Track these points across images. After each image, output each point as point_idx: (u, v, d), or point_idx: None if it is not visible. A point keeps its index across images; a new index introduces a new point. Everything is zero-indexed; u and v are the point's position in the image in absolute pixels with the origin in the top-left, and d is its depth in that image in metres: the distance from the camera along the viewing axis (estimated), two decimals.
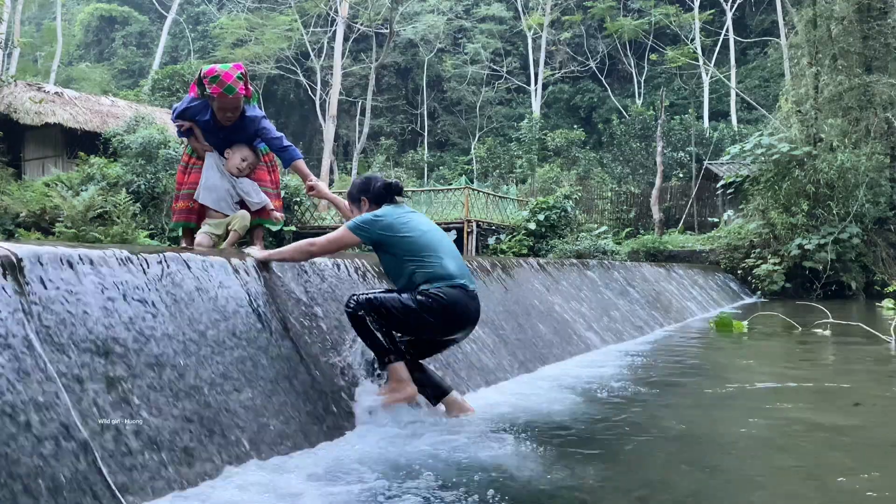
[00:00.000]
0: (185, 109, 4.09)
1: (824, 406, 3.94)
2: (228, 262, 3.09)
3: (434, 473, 2.45)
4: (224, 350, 2.70)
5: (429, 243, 3.25)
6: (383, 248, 3.26)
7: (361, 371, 3.33)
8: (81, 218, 12.55)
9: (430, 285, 3.14)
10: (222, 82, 3.79)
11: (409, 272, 3.19)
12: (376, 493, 2.24)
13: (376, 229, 3.23)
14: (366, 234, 3.24)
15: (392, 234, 3.22)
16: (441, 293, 3.12)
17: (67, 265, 2.30)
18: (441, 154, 36.66)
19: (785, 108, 17.55)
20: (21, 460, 1.79)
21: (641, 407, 3.79)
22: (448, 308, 3.12)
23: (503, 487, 2.33)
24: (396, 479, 2.38)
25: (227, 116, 3.94)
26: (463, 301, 3.18)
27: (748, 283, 16.16)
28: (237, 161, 4.10)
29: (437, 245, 3.28)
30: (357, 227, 3.25)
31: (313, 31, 33.59)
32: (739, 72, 32.10)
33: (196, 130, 4.14)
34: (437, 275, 3.17)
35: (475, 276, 5.43)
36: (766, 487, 2.42)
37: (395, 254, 3.23)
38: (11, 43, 25.62)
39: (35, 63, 36.16)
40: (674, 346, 6.82)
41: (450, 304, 3.13)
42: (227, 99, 3.83)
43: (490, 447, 2.82)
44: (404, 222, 3.27)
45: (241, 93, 3.87)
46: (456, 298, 3.14)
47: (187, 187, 4.25)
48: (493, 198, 19.06)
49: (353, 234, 3.24)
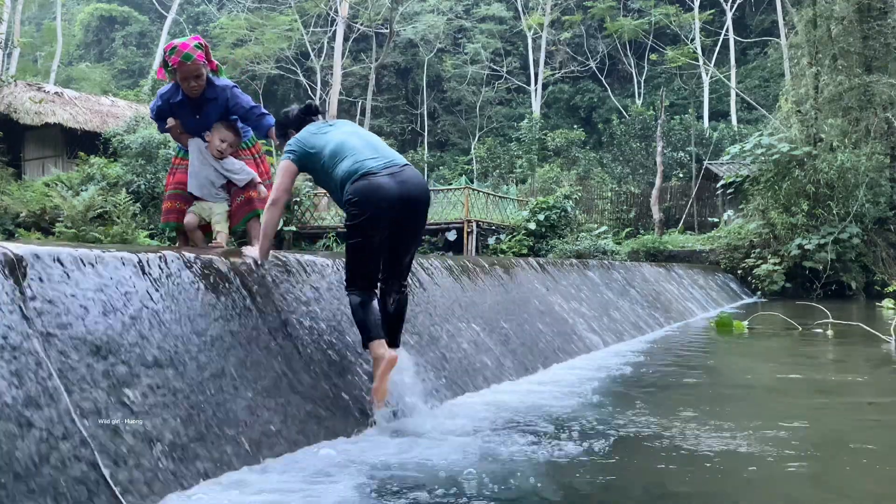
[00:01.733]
0: (159, 101, 4.19)
1: (824, 406, 3.94)
2: (227, 263, 3.09)
3: (433, 473, 2.45)
4: (224, 350, 2.70)
5: (344, 143, 3.19)
6: (314, 165, 3.25)
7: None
8: (81, 218, 12.55)
9: (350, 186, 3.06)
10: (179, 51, 3.92)
11: (336, 180, 3.14)
12: (368, 495, 2.24)
13: (302, 147, 3.26)
14: (295, 155, 3.26)
15: (315, 146, 3.23)
16: (359, 186, 3.03)
17: (68, 265, 2.30)
18: (441, 154, 36.67)
19: (785, 108, 17.55)
20: (21, 460, 1.79)
21: (642, 407, 3.79)
22: (371, 197, 3.01)
23: (503, 487, 2.33)
24: (389, 482, 2.38)
25: (192, 86, 4.02)
26: (386, 183, 3.04)
27: (748, 283, 16.16)
28: (216, 142, 4.17)
29: (356, 143, 3.21)
30: (287, 151, 3.29)
31: (313, 31, 33.59)
32: (739, 72, 32.10)
33: (175, 123, 4.21)
34: (354, 170, 3.08)
35: (475, 277, 5.43)
36: (767, 488, 2.42)
37: (322, 166, 3.21)
38: (11, 43, 25.62)
39: (35, 63, 36.15)
40: (674, 347, 6.82)
41: (372, 191, 3.02)
42: (186, 67, 3.93)
43: (490, 447, 2.82)
44: (325, 132, 3.29)
45: (199, 59, 3.97)
46: (377, 184, 3.03)
47: (172, 187, 4.36)
48: (493, 198, 19.06)
49: (287, 161, 3.26)
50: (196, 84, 4.02)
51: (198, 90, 4.06)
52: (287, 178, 3.27)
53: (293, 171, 3.27)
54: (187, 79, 3.99)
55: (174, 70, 3.98)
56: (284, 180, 3.27)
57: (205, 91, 4.09)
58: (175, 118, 4.23)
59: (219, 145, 4.16)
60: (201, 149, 4.22)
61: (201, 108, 4.16)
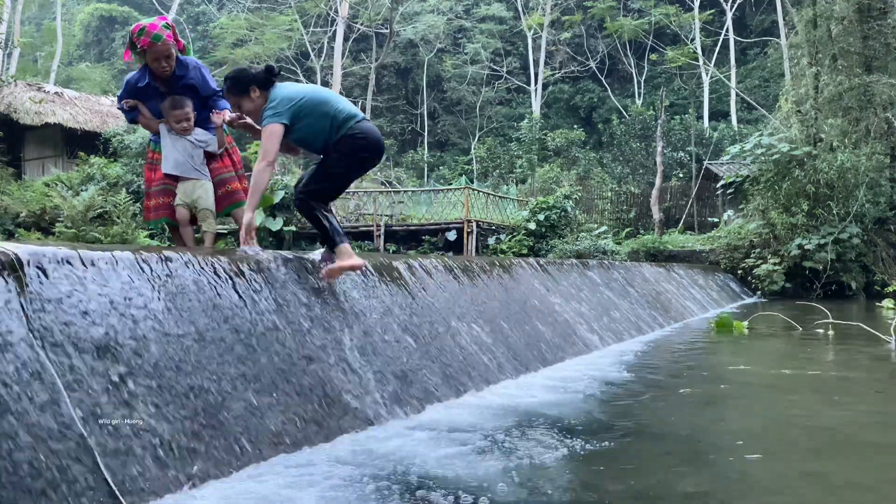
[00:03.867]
0: (123, 89, 4.23)
1: (825, 406, 3.93)
2: (230, 262, 3.09)
3: (432, 473, 2.44)
4: (224, 350, 2.69)
5: (326, 96, 3.60)
6: (299, 119, 3.50)
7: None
8: (81, 218, 12.54)
9: (347, 129, 3.53)
10: (149, 32, 3.98)
11: (326, 127, 3.52)
12: (366, 495, 2.24)
13: (288, 106, 3.48)
14: (281, 116, 3.45)
15: (299, 101, 3.50)
16: (359, 130, 3.55)
17: (68, 265, 2.30)
18: (441, 154, 36.66)
19: (785, 108, 17.55)
20: (21, 460, 1.79)
21: (641, 407, 3.79)
22: (369, 139, 3.58)
23: (502, 487, 2.33)
24: (386, 481, 2.38)
25: (163, 66, 4.08)
26: (373, 130, 3.63)
27: (748, 283, 16.15)
28: (170, 113, 4.18)
29: (331, 95, 3.65)
30: (274, 115, 3.44)
31: (313, 31, 33.58)
32: (739, 72, 32.10)
33: (141, 108, 4.22)
34: (348, 116, 3.56)
35: (475, 277, 5.43)
36: (767, 488, 2.42)
37: (309, 116, 3.50)
38: (11, 43, 25.61)
39: (35, 63, 36.15)
40: (674, 347, 6.82)
41: (369, 135, 3.59)
42: (156, 47, 4.00)
43: (489, 447, 2.82)
44: (299, 89, 3.60)
45: (168, 39, 4.04)
46: (369, 129, 3.61)
47: (158, 183, 4.33)
48: (493, 198, 19.06)
49: (274, 122, 3.44)
50: (167, 64, 4.08)
51: (168, 71, 4.11)
52: (276, 141, 3.46)
53: (281, 132, 3.47)
54: (158, 59, 4.04)
55: (143, 51, 4.02)
56: (274, 144, 3.45)
57: (174, 71, 4.14)
58: (143, 103, 4.25)
59: (176, 115, 4.19)
60: (170, 131, 4.25)
61: (172, 89, 4.21)
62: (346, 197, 20.10)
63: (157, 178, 4.36)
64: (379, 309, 3.86)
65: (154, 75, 4.15)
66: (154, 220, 4.41)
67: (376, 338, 3.64)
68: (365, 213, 18.66)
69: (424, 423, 3.20)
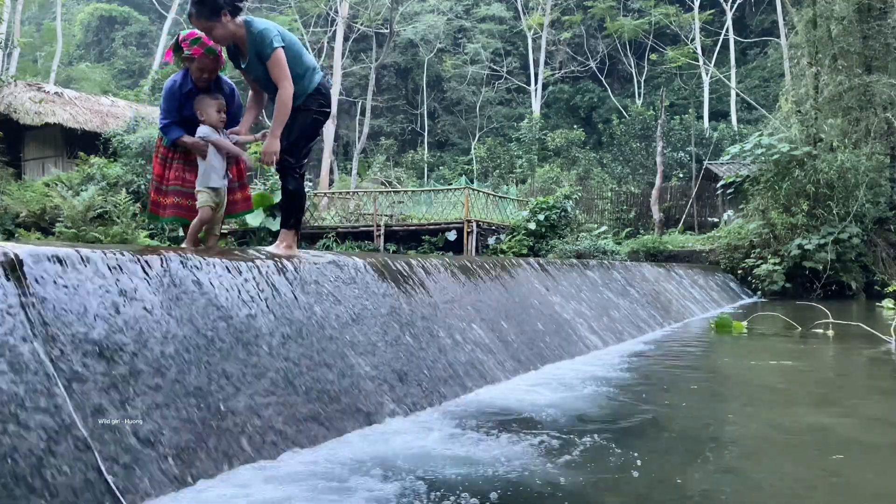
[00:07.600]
0: (172, 98, 4.17)
1: (825, 406, 3.94)
2: (246, 261, 3.09)
3: (431, 473, 2.45)
4: (224, 350, 2.70)
5: (302, 48, 3.79)
6: (289, 54, 3.66)
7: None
8: (81, 218, 12.56)
9: (318, 83, 3.75)
10: (203, 44, 4.03)
11: (305, 73, 3.70)
12: (367, 494, 2.24)
13: (284, 37, 3.66)
14: (282, 42, 3.61)
15: (288, 39, 3.67)
16: (326, 83, 3.80)
17: (68, 265, 2.30)
18: (441, 154, 36.68)
19: (785, 108, 17.56)
20: (21, 460, 1.79)
21: (641, 407, 3.79)
22: (328, 97, 3.85)
23: (501, 487, 2.33)
24: (390, 479, 2.38)
25: (204, 78, 4.16)
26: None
27: (748, 283, 16.16)
28: (212, 103, 4.18)
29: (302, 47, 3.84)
30: (279, 43, 3.59)
31: (313, 31, 33.59)
32: (739, 72, 32.13)
33: (187, 137, 4.17)
34: (315, 68, 3.78)
35: (475, 277, 5.44)
36: (767, 488, 2.42)
37: (295, 55, 3.66)
38: (11, 43, 25.63)
39: (35, 63, 36.18)
40: (674, 347, 6.81)
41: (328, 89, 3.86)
42: (207, 59, 4.07)
43: (489, 447, 2.82)
44: (281, 29, 3.74)
45: (220, 55, 4.14)
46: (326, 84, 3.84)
47: (176, 183, 4.26)
48: (493, 198, 19.07)
49: (282, 50, 3.60)
50: (208, 77, 4.18)
51: (205, 84, 4.20)
52: (287, 65, 3.63)
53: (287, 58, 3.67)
54: (203, 70, 4.11)
55: (191, 58, 4.05)
56: (287, 67, 3.62)
57: (210, 85, 4.22)
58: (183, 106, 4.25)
59: (216, 113, 4.17)
60: (208, 138, 4.16)
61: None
62: (346, 197, 20.12)
63: (173, 178, 4.27)
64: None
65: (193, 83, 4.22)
66: (167, 217, 4.34)
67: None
68: (365, 212, 18.67)
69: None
